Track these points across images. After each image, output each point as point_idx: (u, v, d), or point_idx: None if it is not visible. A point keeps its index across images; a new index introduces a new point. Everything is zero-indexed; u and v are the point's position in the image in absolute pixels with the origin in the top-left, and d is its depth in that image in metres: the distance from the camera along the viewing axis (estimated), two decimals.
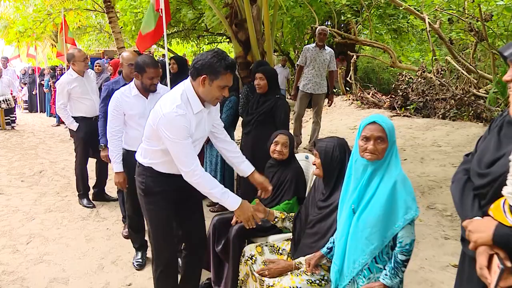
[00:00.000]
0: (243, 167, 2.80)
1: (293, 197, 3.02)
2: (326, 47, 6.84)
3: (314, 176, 2.75)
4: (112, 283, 3.46)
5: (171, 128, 2.28)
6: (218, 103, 2.55)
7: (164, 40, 4.84)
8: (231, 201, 2.43)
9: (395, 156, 2.04)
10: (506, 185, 1.41)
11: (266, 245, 2.77)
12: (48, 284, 3.44)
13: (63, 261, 3.84)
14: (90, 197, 5.40)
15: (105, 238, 4.33)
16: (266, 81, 4.12)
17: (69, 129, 5.35)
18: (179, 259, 3.06)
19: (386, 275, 2.01)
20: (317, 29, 6.86)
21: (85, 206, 5.20)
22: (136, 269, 3.65)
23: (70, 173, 6.69)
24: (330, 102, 7.24)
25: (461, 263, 1.77)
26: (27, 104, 16.21)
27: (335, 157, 2.48)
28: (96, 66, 7.92)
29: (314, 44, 6.81)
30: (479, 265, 1.42)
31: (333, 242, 2.34)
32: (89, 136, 5.10)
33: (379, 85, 12.38)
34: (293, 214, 2.83)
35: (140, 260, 3.73)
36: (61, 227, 4.61)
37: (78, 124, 5.10)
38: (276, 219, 2.76)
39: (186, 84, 2.39)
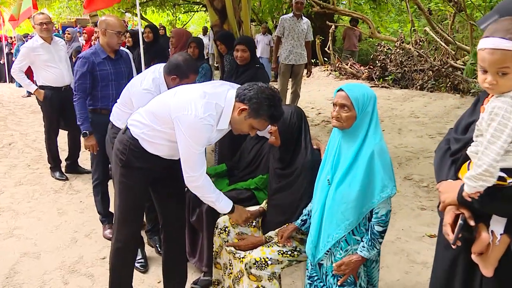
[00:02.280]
0: None
1: (268, 172, 2.93)
2: (303, 17, 6.77)
3: None
4: (85, 256, 3.41)
5: (194, 132, 2.17)
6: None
7: (137, 8, 4.62)
8: (223, 204, 2.42)
9: (374, 129, 1.99)
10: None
11: None
12: (19, 259, 3.35)
13: (35, 235, 3.75)
14: (63, 169, 5.27)
15: (79, 211, 4.25)
16: (249, 52, 4.05)
17: (37, 99, 5.15)
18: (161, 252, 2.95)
19: (363, 247, 2.01)
20: None
21: (58, 179, 5.08)
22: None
23: (41, 145, 6.43)
24: (309, 72, 7.22)
25: (439, 232, 1.78)
26: None
27: (293, 123, 2.46)
28: (66, 33, 7.56)
29: (291, 14, 6.71)
30: (444, 223, 1.46)
31: (308, 214, 2.33)
32: (58, 107, 4.92)
33: (358, 56, 12.34)
34: None
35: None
36: (32, 201, 4.51)
37: (37, 87, 4.88)
38: None
39: (229, 98, 2.24)
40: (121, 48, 3.77)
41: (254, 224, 2.71)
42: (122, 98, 3.04)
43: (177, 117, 2.18)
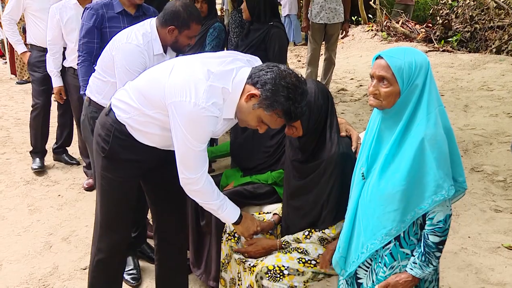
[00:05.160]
0: None
1: None
2: None
3: None
4: (61, 266, 3.42)
5: (192, 125, 2.11)
6: None
7: None
8: (228, 213, 2.39)
9: (425, 109, 1.89)
10: None
11: None
12: None
13: None
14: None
15: (55, 208, 4.27)
16: (246, 4, 4.08)
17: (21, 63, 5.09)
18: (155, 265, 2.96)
19: (414, 263, 1.95)
20: None
21: (34, 169, 5.02)
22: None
23: (10, 123, 6.59)
24: (344, 33, 7.18)
25: None
26: None
27: (319, 106, 2.38)
28: None
29: None
30: None
31: None
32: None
33: (413, 11, 12.10)
34: None
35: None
36: None
37: (26, 50, 4.83)
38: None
39: (239, 80, 2.16)
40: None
41: (271, 231, 2.73)
42: (102, 62, 2.98)
43: (172, 104, 2.11)
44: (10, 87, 8.66)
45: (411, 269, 1.95)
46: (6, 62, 9.87)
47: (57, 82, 4.53)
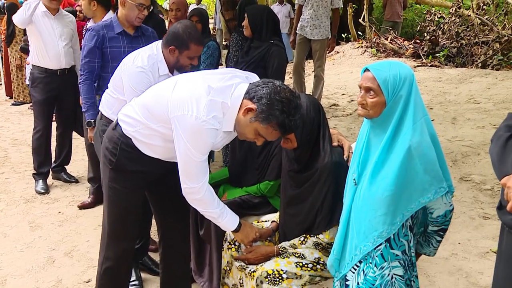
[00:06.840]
0: None
1: (278, 179, 2.97)
2: None
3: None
4: (65, 280, 3.44)
5: (194, 137, 2.22)
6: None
7: None
8: (228, 221, 2.45)
9: (411, 118, 1.97)
10: None
11: None
12: None
13: None
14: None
15: (56, 224, 4.28)
16: (248, 21, 4.10)
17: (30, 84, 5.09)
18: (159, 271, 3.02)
19: (417, 243, 2.16)
20: None
21: (38, 192, 4.99)
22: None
23: (7, 143, 6.61)
24: (329, 48, 7.32)
25: (500, 240, 1.81)
26: None
27: (311, 119, 2.47)
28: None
29: None
30: None
31: None
32: (54, 96, 4.90)
33: (401, 28, 12.21)
34: None
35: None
36: None
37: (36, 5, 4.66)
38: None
39: (237, 95, 2.25)
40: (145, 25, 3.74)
41: (269, 238, 2.77)
42: (114, 80, 3.07)
43: (175, 117, 2.21)
44: (5, 109, 8.67)
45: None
46: (0, 84, 9.86)
47: None
